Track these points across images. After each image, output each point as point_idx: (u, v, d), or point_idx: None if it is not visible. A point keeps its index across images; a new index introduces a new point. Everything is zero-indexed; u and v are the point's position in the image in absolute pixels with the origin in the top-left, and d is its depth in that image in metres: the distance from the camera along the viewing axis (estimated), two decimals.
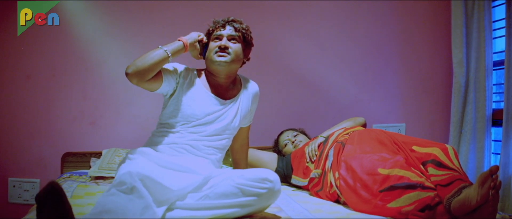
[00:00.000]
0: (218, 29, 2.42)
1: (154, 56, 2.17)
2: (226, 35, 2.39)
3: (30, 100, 3.45)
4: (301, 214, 2.08)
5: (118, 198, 1.70)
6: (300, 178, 2.75)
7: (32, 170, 3.46)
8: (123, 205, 1.67)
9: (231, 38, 2.40)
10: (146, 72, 2.14)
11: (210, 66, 2.40)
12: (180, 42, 2.31)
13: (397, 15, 3.84)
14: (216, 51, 2.35)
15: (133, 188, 1.73)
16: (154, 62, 2.16)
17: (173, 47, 2.26)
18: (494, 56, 3.46)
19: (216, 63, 2.34)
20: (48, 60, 3.46)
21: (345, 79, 3.84)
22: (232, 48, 2.36)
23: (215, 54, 2.35)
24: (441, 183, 1.98)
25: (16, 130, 3.45)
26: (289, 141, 3.22)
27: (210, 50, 2.39)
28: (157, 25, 3.57)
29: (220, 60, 2.33)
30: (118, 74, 3.51)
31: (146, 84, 2.20)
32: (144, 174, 1.79)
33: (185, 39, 2.34)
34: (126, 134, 3.51)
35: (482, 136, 3.40)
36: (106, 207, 1.65)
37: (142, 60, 2.14)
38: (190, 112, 2.30)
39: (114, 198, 1.70)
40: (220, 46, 2.35)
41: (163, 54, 2.19)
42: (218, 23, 2.44)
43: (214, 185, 2.01)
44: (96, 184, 2.73)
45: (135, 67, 2.12)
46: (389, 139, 2.37)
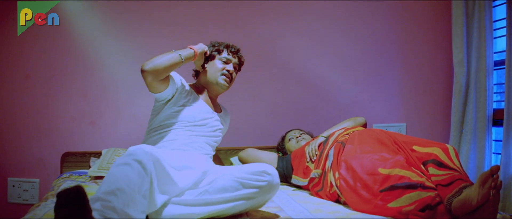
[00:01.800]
0: (229, 54, 2.65)
1: (170, 59, 2.30)
2: (233, 63, 2.65)
3: (29, 100, 3.45)
4: (301, 214, 2.07)
5: (126, 169, 1.67)
6: (300, 178, 2.74)
7: (32, 170, 3.46)
8: (130, 178, 1.64)
9: (235, 67, 2.67)
10: (162, 71, 2.28)
11: (210, 82, 2.61)
12: (191, 50, 2.46)
13: (398, 14, 3.84)
14: (222, 73, 2.58)
15: (140, 162, 1.70)
16: (170, 63, 2.29)
17: (185, 53, 2.39)
18: (495, 56, 3.45)
19: (219, 84, 2.58)
20: (48, 60, 3.46)
21: (345, 79, 3.83)
22: (234, 76, 2.65)
23: (221, 76, 2.58)
24: (442, 183, 1.97)
25: (15, 129, 3.45)
26: (293, 137, 3.22)
27: (216, 69, 2.59)
28: (156, 25, 3.57)
29: (224, 84, 2.58)
30: (118, 74, 3.53)
31: (158, 83, 2.32)
32: (156, 156, 1.82)
33: (196, 48, 2.49)
34: (125, 134, 3.51)
35: (483, 135, 3.40)
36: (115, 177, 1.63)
37: (159, 60, 2.27)
38: (189, 115, 2.44)
39: (125, 168, 1.66)
40: (229, 71, 2.59)
41: (177, 58, 2.33)
42: (231, 49, 2.66)
43: (214, 181, 2.03)
44: (95, 183, 2.72)
45: (153, 65, 2.24)
46: (390, 139, 2.36)
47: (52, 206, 2.03)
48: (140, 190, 1.65)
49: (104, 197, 1.54)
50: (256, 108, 3.71)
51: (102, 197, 1.54)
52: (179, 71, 2.51)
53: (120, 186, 1.58)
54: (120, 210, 1.53)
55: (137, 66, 3.48)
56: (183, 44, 3.53)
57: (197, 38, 3.57)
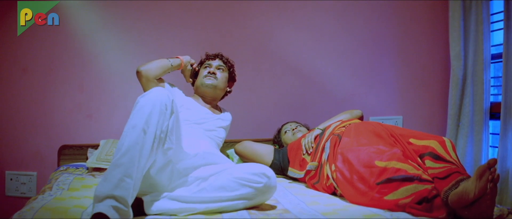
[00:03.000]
0: (208, 60, 2.93)
1: (161, 62, 2.74)
2: (215, 65, 2.89)
3: (26, 93, 3.45)
4: (297, 206, 2.08)
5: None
6: (297, 170, 2.75)
7: (29, 163, 3.46)
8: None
9: (219, 67, 2.90)
10: (154, 72, 2.69)
11: (199, 88, 2.87)
12: (178, 59, 2.83)
13: (395, 7, 3.83)
14: (205, 75, 2.84)
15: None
16: (160, 66, 2.72)
17: (173, 61, 2.80)
18: (492, 49, 3.45)
19: (204, 85, 2.82)
20: (45, 54, 3.46)
21: (342, 72, 3.83)
22: (219, 75, 2.86)
23: (204, 78, 2.83)
24: (439, 176, 1.97)
25: (13, 123, 3.45)
26: (289, 130, 3.22)
27: (200, 75, 2.88)
28: (153, 18, 3.57)
29: (208, 82, 2.81)
30: (115, 67, 3.53)
31: (151, 84, 2.66)
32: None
33: (182, 58, 2.86)
34: (122, 127, 3.44)
35: (480, 129, 3.40)
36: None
37: (152, 64, 2.70)
38: (188, 114, 2.65)
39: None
40: (209, 71, 2.84)
41: (167, 63, 2.75)
42: (210, 56, 2.95)
43: (213, 178, 2.04)
44: (92, 176, 2.73)
45: (146, 67, 2.67)
46: (386, 132, 2.36)
47: (49, 199, 2.04)
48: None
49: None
50: (252, 101, 3.71)
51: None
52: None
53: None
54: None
55: (133, 59, 3.51)
56: (179, 38, 3.56)
57: (193, 31, 3.58)
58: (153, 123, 1.83)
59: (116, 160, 1.73)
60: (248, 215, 1.90)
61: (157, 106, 1.86)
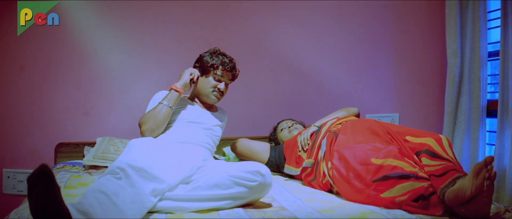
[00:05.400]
0: (223, 73, 2.69)
1: (162, 115, 2.46)
2: (226, 81, 2.72)
3: (23, 91, 3.44)
4: (294, 204, 2.08)
5: (111, 183, 1.75)
6: (293, 167, 2.75)
7: (26, 161, 3.44)
8: (115, 191, 1.72)
9: (227, 84, 2.75)
10: (159, 129, 2.47)
11: (201, 95, 2.74)
12: (176, 93, 2.53)
13: (391, 5, 3.83)
14: (213, 91, 2.68)
15: (126, 176, 1.80)
16: (163, 119, 2.47)
17: (173, 100, 2.51)
18: (489, 47, 3.46)
19: (210, 99, 2.70)
20: (42, 51, 3.44)
21: (339, 69, 3.83)
22: (225, 92, 2.74)
23: (213, 93, 2.68)
24: (435, 173, 1.97)
25: (9, 121, 3.44)
26: (286, 127, 3.22)
27: (209, 85, 2.68)
28: (150, 16, 3.55)
29: (215, 99, 2.70)
30: (111, 65, 3.52)
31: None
32: (138, 166, 1.86)
33: (178, 88, 2.54)
34: (119, 124, 3.51)
35: (477, 126, 3.41)
36: (100, 188, 1.70)
37: (154, 121, 2.44)
38: (185, 113, 2.62)
39: (107, 183, 1.75)
40: (220, 89, 2.68)
41: (168, 110, 2.48)
42: (227, 67, 2.69)
43: (207, 176, 2.05)
44: (89, 174, 2.72)
45: (149, 127, 2.43)
46: (383, 129, 2.36)
47: None
48: (123, 201, 1.73)
49: (86, 196, 1.69)
50: (248, 98, 3.70)
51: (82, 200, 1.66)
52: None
53: (102, 190, 1.70)
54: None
55: (130, 57, 3.50)
56: (176, 36, 3.54)
57: (190, 29, 3.57)
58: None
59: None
60: (245, 212, 1.91)
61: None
